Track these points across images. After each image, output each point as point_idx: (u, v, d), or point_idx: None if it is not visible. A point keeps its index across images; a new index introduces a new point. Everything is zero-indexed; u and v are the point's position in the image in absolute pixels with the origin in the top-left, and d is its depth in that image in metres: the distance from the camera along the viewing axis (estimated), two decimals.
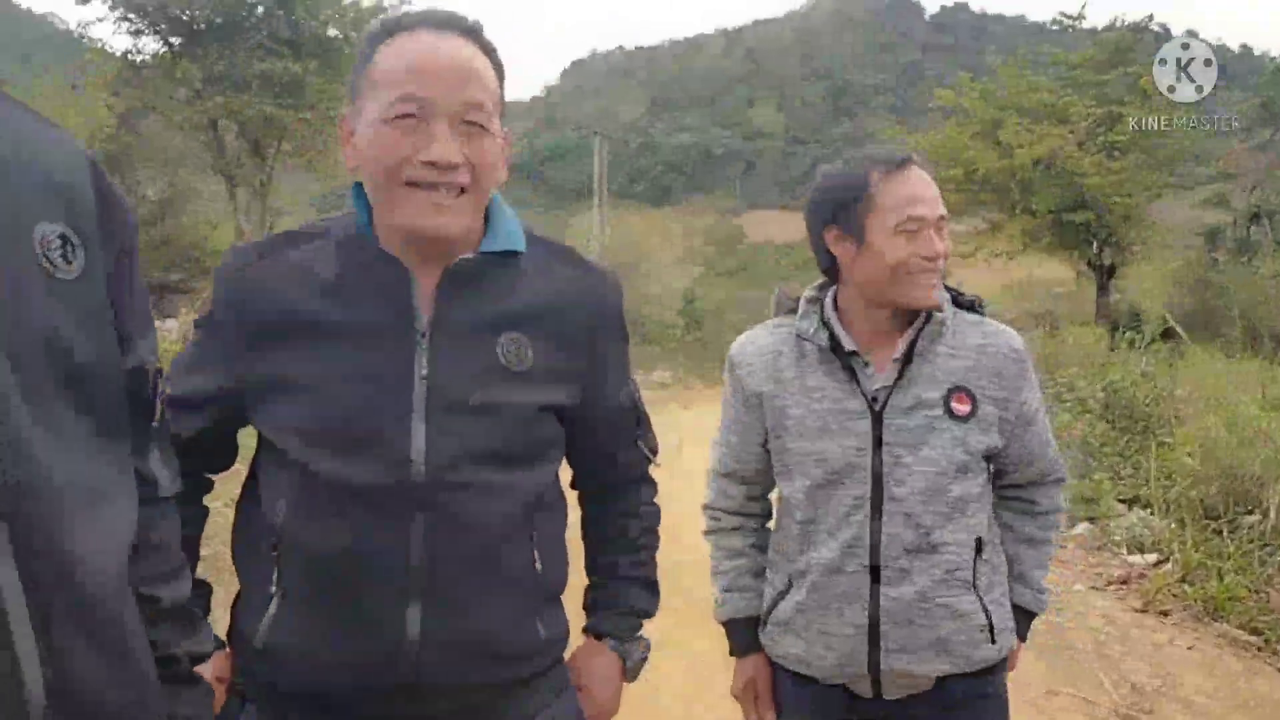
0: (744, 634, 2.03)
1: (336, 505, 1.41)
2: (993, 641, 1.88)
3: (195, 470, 1.57)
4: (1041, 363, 10.53)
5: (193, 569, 1.55)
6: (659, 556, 1.81)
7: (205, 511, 1.63)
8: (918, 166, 1.86)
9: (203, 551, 1.64)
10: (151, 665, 1.09)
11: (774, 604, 1.97)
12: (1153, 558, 6.04)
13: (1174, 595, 5.39)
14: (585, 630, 1.73)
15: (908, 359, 1.85)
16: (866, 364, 1.87)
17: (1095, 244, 20.29)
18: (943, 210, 1.85)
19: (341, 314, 1.45)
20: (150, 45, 22.00)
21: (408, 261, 1.46)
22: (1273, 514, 5.95)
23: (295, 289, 1.46)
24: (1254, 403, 7.86)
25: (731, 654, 2.06)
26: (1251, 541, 5.81)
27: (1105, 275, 21.02)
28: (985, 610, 1.86)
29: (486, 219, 1.54)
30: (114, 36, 55.51)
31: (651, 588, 1.79)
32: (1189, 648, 4.78)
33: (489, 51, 1.47)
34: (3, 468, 0.89)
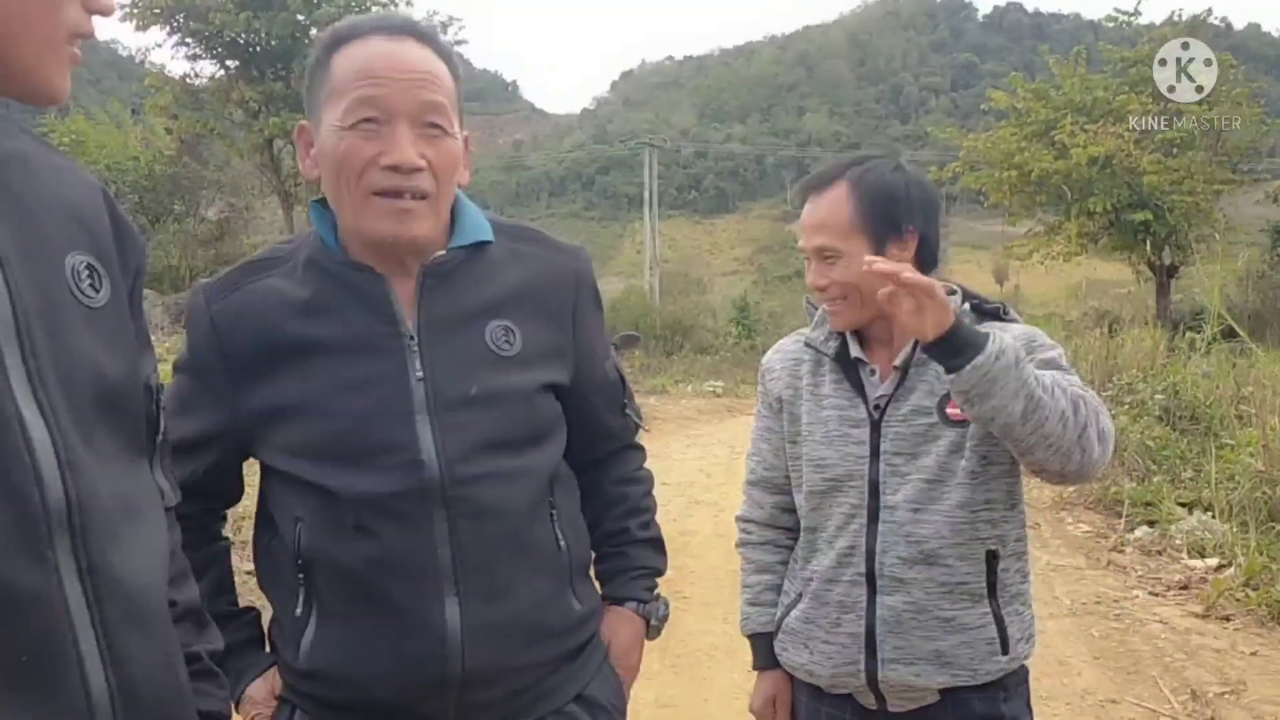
0: (765, 649, 2.02)
1: (358, 518, 1.43)
2: (1004, 653, 1.82)
3: (209, 508, 1.61)
4: (1100, 365, 10.35)
5: (232, 604, 1.61)
6: (718, 562, 1.82)
7: (228, 544, 1.66)
8: (840, 186, 1.82)
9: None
10: (184, 666, 1.13)
11: (785, 614, 1.96)
12: (1214, 562, 5.89)
13: (1236, 600, 5.25)
14: (604, 598, 1.74)
15: (907, 367, 1.84)
16: (873, 372, 1.87)
17: (1153, 243, 19.86)
18: (821, 241, 1.82)
19: (326, 331, 1.47)
20: (207, 69, 22.58)
21: (381, 268, 1.48)
22: None
23: (273, 315, 1.48)
24: None
25: (754, 668, 2.06)
26: None
27: (1165, 275, 20.59)
28: (999, 621, 1.81)
29: (452, 215, 1.55)
30: (172, 61, 56.78)
31: (660, 548, 1.82)
32: (1252, 654, 4.66)
33: (444, 55, 1.47)
34: (65, 485, 0.94)
